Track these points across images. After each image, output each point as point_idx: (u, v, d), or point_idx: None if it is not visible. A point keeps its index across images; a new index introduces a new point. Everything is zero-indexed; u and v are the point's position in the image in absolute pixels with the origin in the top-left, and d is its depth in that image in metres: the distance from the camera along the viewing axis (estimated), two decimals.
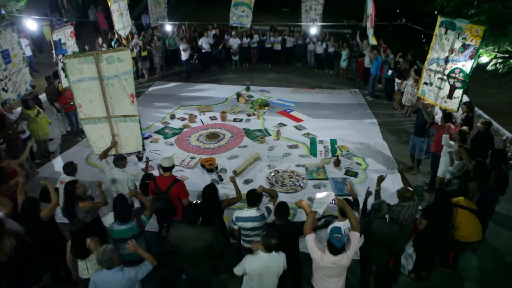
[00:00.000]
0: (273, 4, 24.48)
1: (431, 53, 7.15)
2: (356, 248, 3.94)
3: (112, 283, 3.78)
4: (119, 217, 4.40)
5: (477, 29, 6.15)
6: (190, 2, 26.86)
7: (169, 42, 14.70)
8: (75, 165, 5.75)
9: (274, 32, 15.23)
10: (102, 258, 3.76)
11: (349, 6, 21.55)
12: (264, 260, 3.90)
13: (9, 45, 7.48)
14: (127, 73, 6.14)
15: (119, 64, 6.05)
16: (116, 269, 3.81)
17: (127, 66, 6.12)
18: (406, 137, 9.36)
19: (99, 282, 3.83)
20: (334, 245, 3.74)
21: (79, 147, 9.18)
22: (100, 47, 13.00)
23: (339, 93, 12.73)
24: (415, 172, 7.91)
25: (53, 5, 19.09)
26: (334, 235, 3.78)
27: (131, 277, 3.80)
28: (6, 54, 7.45)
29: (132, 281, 3.83)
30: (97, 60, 6.02)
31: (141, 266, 3.92)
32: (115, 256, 3.80)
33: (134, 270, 3.86)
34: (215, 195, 5.07)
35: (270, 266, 3.91)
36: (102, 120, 6.50)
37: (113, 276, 3.78)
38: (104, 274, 3.82)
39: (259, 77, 14.29)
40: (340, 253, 3.79)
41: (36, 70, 13.92)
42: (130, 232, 4.34)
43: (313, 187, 7.38)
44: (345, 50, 13.44)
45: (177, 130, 9.86)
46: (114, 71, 6.10)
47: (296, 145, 9.01)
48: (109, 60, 6.03)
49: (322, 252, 3.85)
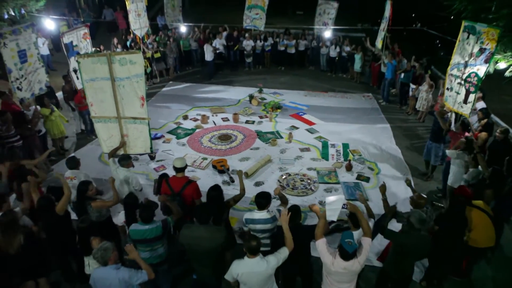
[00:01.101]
0: (287, 6, 24.51)
1: (453, 58, 7.03)
2: (368, 253, 3.89)
3: (107, 280, 3.79)
4: (142, 217, 4.34)
5: (493, 33, 6.07)
6: (204, 4, 27.09)
7: (183, 43, 14.82)
8: (77, 159, 5.88)
9: (288, 35, 15.22)
10: (95, 254, 3.80)
11: (364, 10, 21.52)
12: (248, 265, 3.83)
13: (26, 46, 7.61)
14: (139, 76, 6.18)
15: (131, 67, 6.10)
16: (112, 266, 3.81)
17: (139, 69, 6.16)
18: (420, 142, 9.28)
19: (97, 278, 3.86)
20: (345, 250, 3.70)
21: (93, 145, 9.30)
22: (115, 47, 13.16)
23: (352, 97, 12.66)
24: (428, 179, 7.80)
25: (71, 5, 19.44)
26: (345, 239, 3.74)
27: (125, 278, 3.76)
28: (23, 54, 7.56)
29: (126, 283, 3.79)
30: (110, 61, 6.08)
31: (138, 272, 3.87)
32: (107, 254, 3.79)
33: (129, 272, 3.81)
34: (220, 196, 5.06)
35: (254, 272, 3.83)
36: (112, 120, 6.57)
37: (108, 273, 3.78)
38: (101, 270, 3.84)
39: (272, 80, 14.29)
40: (351, 259, 3.75)
41: (53, 69, 14.19)
42: (153, 232, 4.29)
43: (324, 191, 7.35)
44: (359, 53, 13.37)
45: (190, 130, 9.92)
46: (126, 73, 6.15)
47: (308, 148, 8.98)
48: (121, 62, 6.08)
49: (333, 257, 3.82)
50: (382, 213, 6.28)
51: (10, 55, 7.26)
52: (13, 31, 7.32)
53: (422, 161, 8.18)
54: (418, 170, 8.12)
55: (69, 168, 5.84)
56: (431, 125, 7.90)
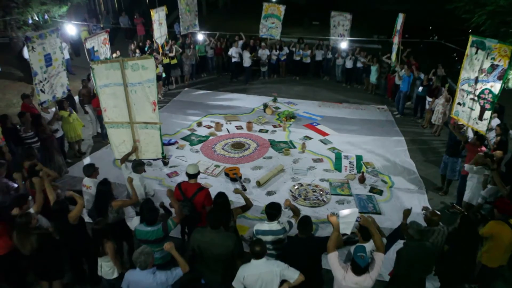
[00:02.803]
0: (303, 17, 24.61)
1: (462, 73, 7.03)
2: (380, 269, 3.83)
3: (144, 284, 3.88)
4: (146, 219, 4.47)
5: (505, 49, 6.02)
6: (222, 12, 27.42)
7: (199, 48, 15.00)
8: (96, 168, 5.81)
9: (303, 45, 15.28)
10: (137, 258, 3.86)
11: (380, 22, 21.44)
12: (254, 267, 3.86)
13: (51, 50, 7.81)
14: (151, 81, 6.25)
15: (143, 72, 6.17)
16: (149, 271, 3.90)
17: (151, 74, 6.23)
18: (435, 156, 9.15)
19: (132, 281, 3.94)
20: (357, 264, 3.66)
21: (107, 149, 9.40)
22: (133, 53, 13.39)
23: (367, 108, 12.59)
24: (443, 193, 7.68)
25: (91, 12, 19.91)
26: (358, 253, 3.70)
27: (162, 281, 3.89)
28: (49, 58, 7.77)
29: (163, 285, 3.91)
30: (123, 66, 6.17)
31: (172, 271, 4.00)
32: (149, 259, 3.89)
33: (165, 274, 3.94)
34: (227, 203, 5.06)
35: (262, 273, 3.84)
36: (124, 125, 6.65)
37: (145, 278, 3.87)
38: (137, 273, 3.92)
39: (287, 89, 14.32)
40: (364, 273, 3.70)
41: (72, 73, 14.45)
42: (154, 234, 4.41)
43: (337, 202, 7.29)
44: (375, 65, 13.32)
45: (203, 137, 9.99)
46: (138, 78, 6.23)
47: (321, 159, 8.95)
48: (134, 67, 6.17)
49: (345, 271, 3.78)
50: (394, 227, 6.23)
51: (38, 58, 7.46)
52: (40, 35, 7.53)
53: (437, 175, 8.06)
54: (433, 184, 8.00)
55: (86, 175, 5.75)
56: (447, 139, 7.80)
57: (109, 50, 9.53)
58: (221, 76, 15.87)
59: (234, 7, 28.41)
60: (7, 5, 11.29)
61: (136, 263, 3.89)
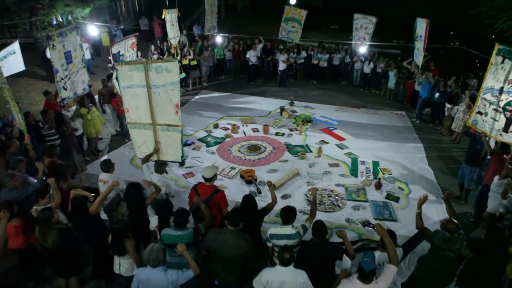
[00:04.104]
0: (322, 21, 24.54)
1: (485, 82, 6.81)
2: (391, 281, 3.71)
3: (155, 282, 3.91)
4: (177, 222, 4.41)
5: None
6: (240, 14, 27.57)
7: (218, 51, 15.11)
8: (112, 163, 5.99)
9: (321, 49, 15.23)
10: (149, 256, 3.89)
11: (400, 26, 21.19)
12: (280, 273, 3.83)
13: (72, 47, 7.99)
14: (174, 83, 6.28)
15: (166, 74, 6.20)
16: (160, 268, 3.94)
17: (174, 76, 6.25)
18: (454, 164, 8.97)
19: (143, 279, 3.97)
20: (362, 268, 3.59)
21: (125, 148, 9.58)
22: (153, 54, 13.60)
23: (385, 114, 12.46)
24: (462, 202, 7.53)
25: (113, 14, 20.32)
26: (365, 258, 3.64)
27: (173, 279, 3.90)
28: (69, 55, 7.95)
29: (174, 284, 3.93)
30: (146, 68, 6.24)
31: (184, 271, 4.01)
32: (161, 255, 3.94)
33: (177, 273, 3.96)
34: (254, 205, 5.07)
35: (286, 281, 3.81)
36: (146, 127, 6.72)
37: (156, 275, 3.90)
38: (148, 271, 3.95)
39: (304, 93, 14.30)
40: (369, 280, 3.61)
41: (92, 73, 14.76)
42: (185, 238, 4.35)
43: (352, 208, 7.23)
44: (393, 71, 13.17)
45: (220, 139, 10.05)
46: (162, 80, 6.26)
47: (337, 164, 8.89)
48: (157, 70, 6.20)
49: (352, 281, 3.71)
50: (411, 235, 6.15)
51: (58, 56, 7.66)
52: (60, 33, 7.71)
53: (456, 184, 7.90)
54: (451, 193, 7.84)
55: (103, 170, 5.97)
56: (467, 147, 7.64)
57: (135, 54, 9.67)
58: (238, 78, 15.96)
59: (252, 11, 28.52)
60: (33, 7, 11.63)
61: (148, 261, 3.91)
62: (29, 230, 4.91)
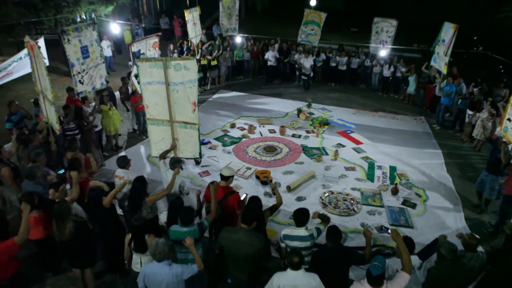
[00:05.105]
0: (341, 23, 24.36)
1: None
2: None
3: (160, 275, 3.96)
4: (182, 219, 4.48)
5: None
6: (260, 15, 27.64)
7: (237, 53, 15.17)
8: (128, 159, 6.10)
9: (340, 52, 15.11)
10: (155, 250, 3.94)
11: (420, 30, 20.87)
12: (292, 278, 3.80)
13: (88, 42, 8.09)
14: (192, 81, 6.34)
15: (185, 72, 6.26)
16: (165, 262, 3.99)
17: (192, 74, 6.31)
18: (473, 172, 8.77)
19: (149, 273, 4.03)
20: (370, 272, 3.56)
21: (143, 145, 9.71)
22: (172, 53, 13.75)
23: (403, 119, 12.28)
24: (481, 212, 7.35)
25: (134, 12, 20.63)
26: (374, 262, 3.60)
27: (178, 273, 3.95)
28: (85, 50, 8.07)
29: (178, 278, 3.97)
30: (165, 66, 6.31)
31: (188, 266, 4.06)
32: (166, 249, 3.98)
33: (181, 267, 4.01)
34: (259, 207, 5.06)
35: (298, 285, 3.78)
36: (165, 123, 6.79)
37: (161, 269, 3.95)
38: (153, 266, 4.01)
39: (322, 95, 14.22)
40: (377, 284, 3.56)
41: (113, 70, 15.06)
42: (191, 234, 4.40)
43: (367, 213, 7.15)
44: (413, 75, 12.96)
45: (236, 139, 10.09)
46: (180, 78, 6.33)
47: (353, 167, 8.81)
48: (176, 67, 6.26)
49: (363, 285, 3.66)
50: (427, 243, 6.03)
51: (73, 50, 7.79)
52: (76, 28, 7.85)
53: (475, 192, 7.72)
54: (470, 201, 7.67)
55: (119, 166, 6.08)
56: (488, 155, 7.46)
57: (157, 54, 9.73)
58: (256, 79, 15.99)
59: (272, 12, 28.55)
60: (58, 4, 11.93)
61: (155, 256, 3.96)
62: (48, 222, 5.04)
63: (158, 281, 3.98)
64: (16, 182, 6.03)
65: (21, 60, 8.81)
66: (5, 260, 4.37)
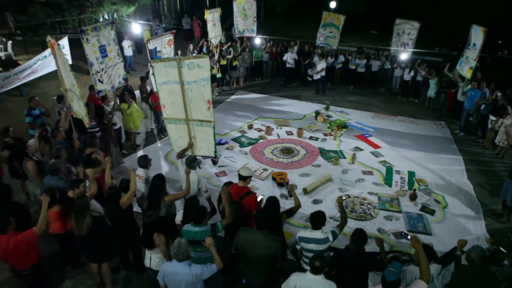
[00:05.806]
0: (361, 25, 24.12)
1: None
2: None
3: (180, 275, 4.00)
4: (193, 218, 4.53)
5: None
6: (279, 17, 27.61)
7: (256, 53, 15.20)
8: (149, 159, 6.11)
9: (360, 54, 14.95)
10: (178, 250, 3.99)
11: (442, 33, 20.46)
12: (309, 281, 3.79)
13: (106, 41, 8.17)
14: (205, 80, 6.38)
15: (198, 71, 6.31)
16: (185, 262, 4.03)
17: (206, 73, 6.35)
18: (496, 180, 8.54)
19: (168, 272, 4.08)
20: (385, 278, 3.52)
21: (161, 143, 9.83)
22: (191, 53, 13.89)
23: (423, 123, 12.06)
24: (504, 220, 7.15)
25: (155, 12, 20.92)
26: (390, 268, 3.56)
27: (197, 273, 3.99)
28: (103, 49, 8.15)
29: (197, 278, 4.01)
30: (179, 65, 6.36)
31: (208, 266, 4.09)
32: (188, 249, 4.04)
33: (201, 268, 4.04)
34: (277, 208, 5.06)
35: None
36: (182, 122, 6.87)
37: (181, 269, 4.00)
38: (174, 265, 4.06)
39: (340, 98, 14.10)
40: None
41: (133, 69, 15.30)
42: (203, 235, 4.43)
43: (384, 218, 7.06)
44: (434, 79, 12.71)
45: (253, 140, 10.11)
46: (194, 76, 6.38)
47: (371, 171, 8.71)
48: (190, 66, 6.32)
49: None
50: (445, 250, 5.92)
51: (92, 50, 7.89)
52: (94, 28, 7.94)
53: (497, 200, 7.53)
54: (492, 209, 7.48)
55: (139, 166, 6.07)
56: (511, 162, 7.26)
57: (173, 51, 9.83)
58: (274, 80, 15.99)
59: (291, 14, 28.48)
60: (82, 4, 12.21)
61: (177, 256, 4.00)
62: (68, 217, 5.15)
63: (177, 281, 4.03)
64: (39, 176, 6.20)
65: (46, 58, 9.05)
66: (25, 250, 4.50)
